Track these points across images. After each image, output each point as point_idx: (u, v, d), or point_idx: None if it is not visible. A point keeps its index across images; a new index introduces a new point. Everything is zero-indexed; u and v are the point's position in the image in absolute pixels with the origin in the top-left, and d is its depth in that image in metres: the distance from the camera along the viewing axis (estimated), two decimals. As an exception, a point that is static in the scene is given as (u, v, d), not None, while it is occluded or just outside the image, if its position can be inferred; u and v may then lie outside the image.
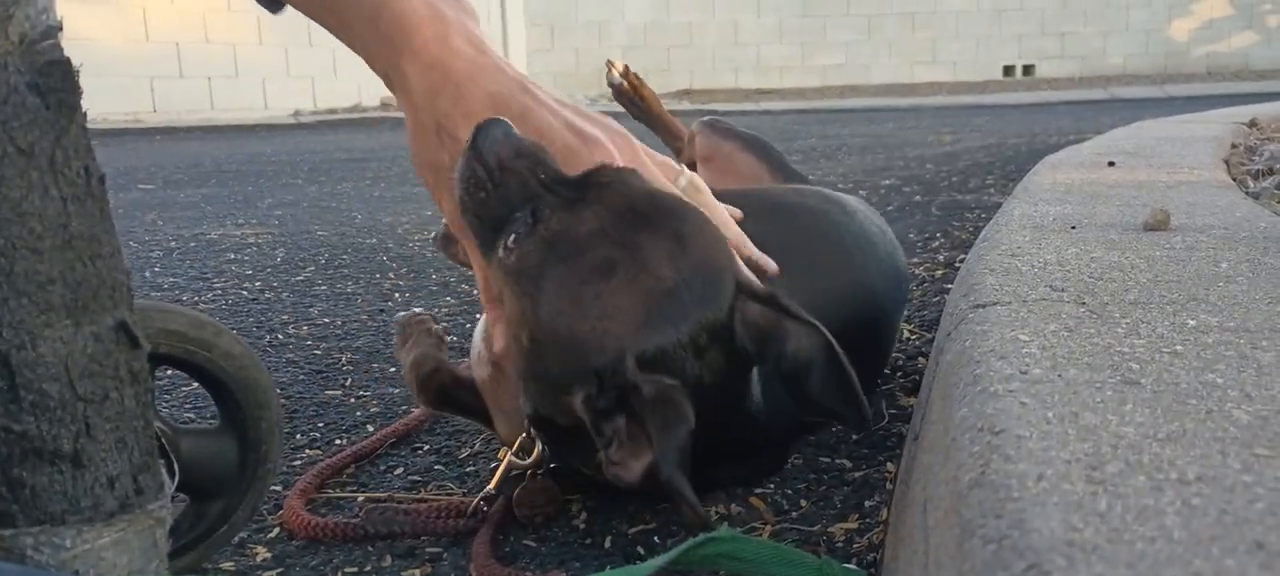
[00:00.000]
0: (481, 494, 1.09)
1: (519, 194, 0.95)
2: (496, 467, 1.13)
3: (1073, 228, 1.40)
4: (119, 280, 0.78)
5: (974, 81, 13.99)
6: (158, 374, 0.97)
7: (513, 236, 0.94)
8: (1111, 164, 2.24)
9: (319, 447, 1.37)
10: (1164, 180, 1.99)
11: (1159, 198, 1.69)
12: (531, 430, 1.08)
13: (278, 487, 1.21)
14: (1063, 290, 1.02)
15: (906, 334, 1.83)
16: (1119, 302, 0.97)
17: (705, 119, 1.84)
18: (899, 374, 1.63)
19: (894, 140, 6.51)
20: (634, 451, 0.88)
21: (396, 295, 2.30)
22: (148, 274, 2.61)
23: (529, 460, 1.09)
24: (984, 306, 0.96)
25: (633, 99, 2.07)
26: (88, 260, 0.74)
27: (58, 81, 0.72)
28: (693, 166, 1.78)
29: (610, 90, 2.09)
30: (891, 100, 11.77)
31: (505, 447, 1.20)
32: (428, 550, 1.05)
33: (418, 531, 1.08)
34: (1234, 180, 2.15)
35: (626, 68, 2.04)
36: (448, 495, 1.19)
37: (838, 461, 1.25)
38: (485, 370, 1.19)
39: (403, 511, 1.10)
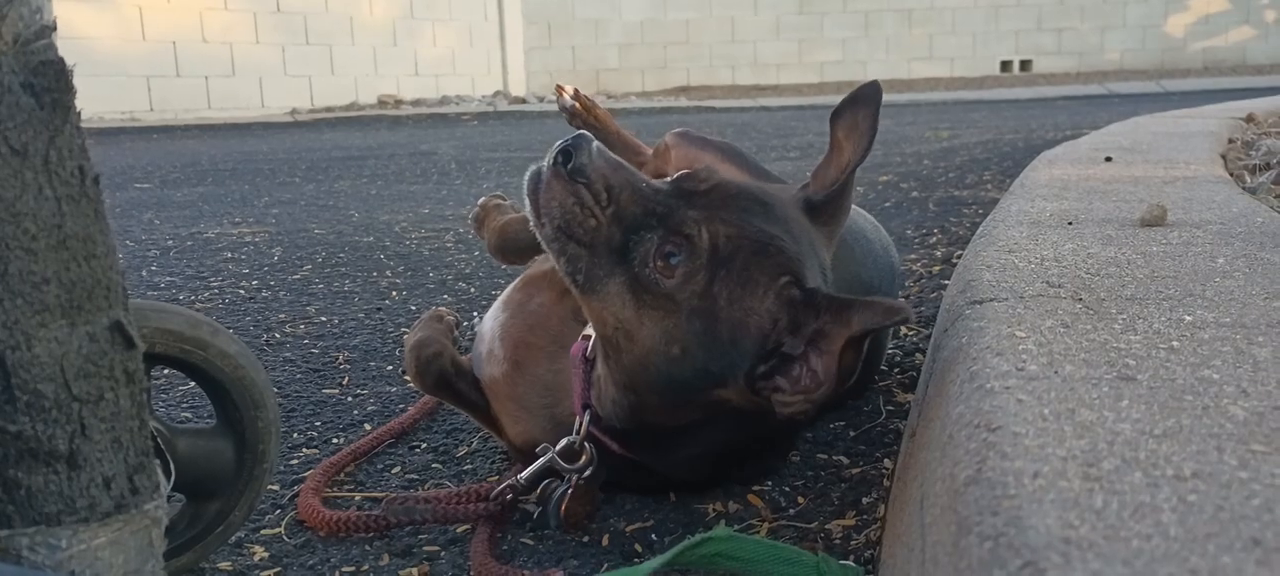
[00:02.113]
0: (508, 481, 1.08)
1: (639, 213, 0.96)
2: (505, 471, 1.13)
3: (1070, 223, 1.40)
4: (113, 280, 0.78)
5: (971, 77, 13.98)
6: (154, 373, 0.97)
7: (664, 258, 0.94)
8: (1108, 159, 2.24)
9: (316, 446, 1.37)
10: (1160, 175, 1.99)
11: (1156, 193, 1.69)
12: (585, 442, 1.07)
13: (274, 487, 1.21)
14: (1059, 286, 1.02)
15: (903, 330, 1.83)
16: (1115, 298, 0.97)
17: (676, 131, 1.83)
18: (896, 370, 1.63)
19: (892, 136, 6.51)
20: (813, 384, 0.93)
21: (393, 293, 2.30)
22: (144, 273, 2.61)
23: (576, 465, 1.07)
24: (981, 303, 0.96)
25: (587, 120, 2.06)
26: (82, 260, 0.74)
27: (52, 81, 0.72)
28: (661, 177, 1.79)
29: (604, 89, 2.07)
30: (889, 96, 11.67)
31: (514, 449, 1.20)
32: (425, 548, 1.05)
33: (440, 518, 1.07)
34: (1231, 175, 2.15)
35: (577, 91, 2.03)
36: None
37: (835, 458, 1.25)
38: (500, 368, 1.19)
39: (424, 499, 1.09)
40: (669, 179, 1.03)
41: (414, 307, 2.16)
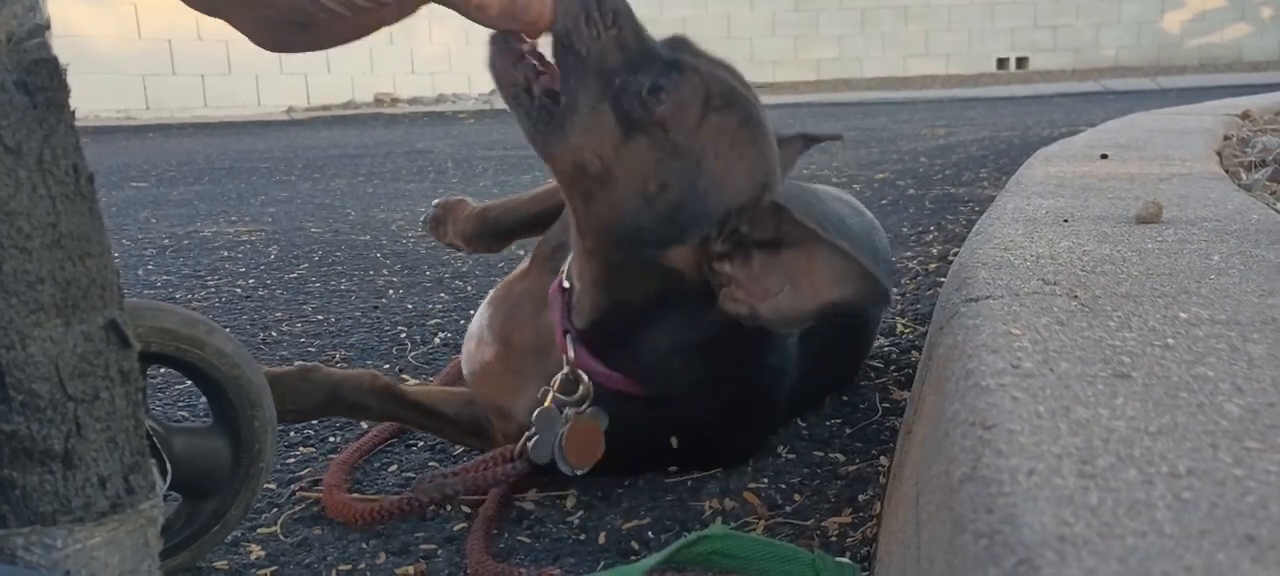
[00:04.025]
0: (526, 436, 1.09)
1: (636, 46, 1.00)
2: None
3: (1065, 221, 1.40)
4: (109, 279, 0.78)
5: (967, 74, 13.99)
6: (150, 372, 0.96)
7: (662, 87, 0.97)
8: (1104, 156, 2.24)
9: (313, 444, 1.37)
10: (1156, 172, 1.99)
11: (1151, 190, 1.69)
12: (575, 369, 1.08)
13: (271, 486, 1.21)
14: (1055, 283, 1.02)
15: (900, 328, 1.84)
16: (1111, 295, 0.97)
17: None
18: (893, 367, 1.63)
19: (888, 134, 6.52)
20: (759, 291, 0.98)
21: (390, 292, 2.30)
22: (141, 272, 2.61)
23: (577, 396, 1.09)
24: (976, 300, 0.96)
25: None
26: (77, 259, 0.74)
27: (45, 79, 0.71)
28: None
29: None
30: (885, 93, 11.77)
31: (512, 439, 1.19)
32: (422, 547, 1.05)
33: (472, 487, 1.08)
34: (1227, 172, 2.16)
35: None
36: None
37: (831, 455, 1.25)
38: (491, 350, 1.19)
39: (453, 474, 1.09)
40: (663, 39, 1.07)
41: (411, 306, 2.16)
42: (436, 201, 1.54)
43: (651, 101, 0.97)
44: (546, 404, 1.09)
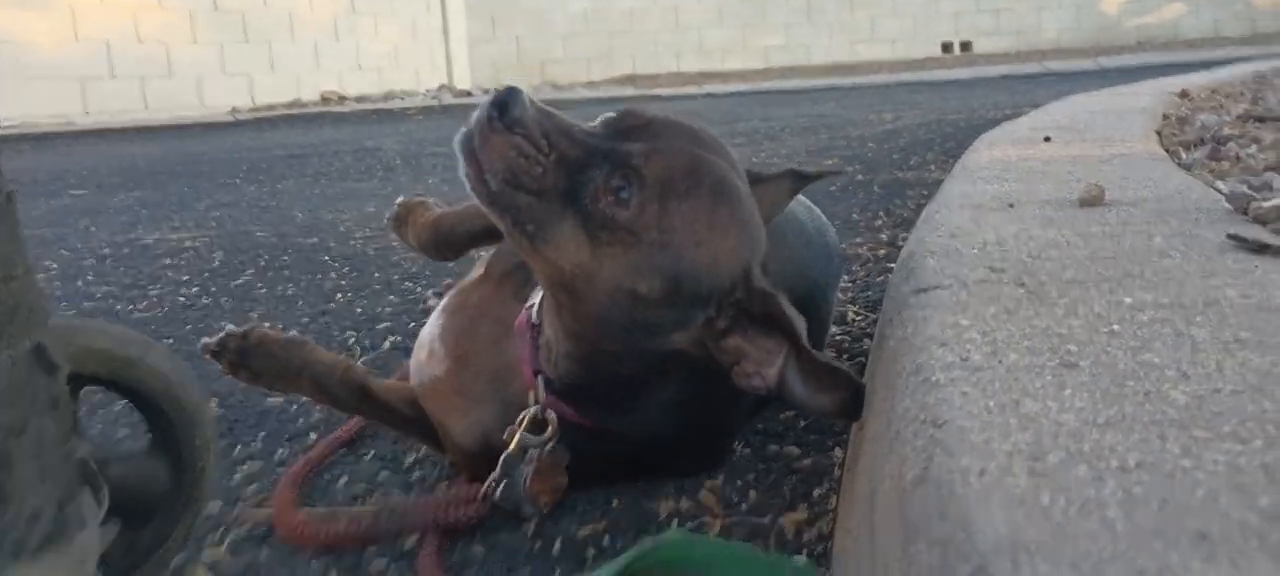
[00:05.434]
0: (491, 478, 1.06)
1: (581, 155, 0.95)
2: (454, 479, 1.11)
3: (1011, 205, 1.41)
4: (34, 302, 0.75)
5: (914, 59, 14.12)
6: (84, 393, 0.93)
7: (613, 193, 0.93)
8: (1047, 139, 2.27)
9: (260, 459, 1.34)
10: (1098, 154, 2.02)
11: (1093, 172, 1.71)
12: (545, 410, 1.06)
13: (215, 507, 1.18)
14: (1002, 270, 1.02)
15: (851, 316, 1.84)
16: (1057, 282, 0.98)
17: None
18: (845, 355, 1.63)
19: (836, 120, 6.55)
20: (766, 357, 0.95)
21: (338, 296, 2.26)
22: (81, 283, 2.54)
23: (543, 437, 1.05)
24: (925, 291, 0.96)
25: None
26: (0, 283, 0.71)
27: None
28: None
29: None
30: (834, 80, 11.84)
31: (458, 452, 1.18)
32: (372, 564, 1.03)
33: (431, 526, 1.04)
34: (1166, 151, 2.19)
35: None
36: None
37: (785, 449, 1.25)
38: (442, 366, 1.16)
39: (412, 507, 1.07)
40: (599, 121, 1.02)
41: (360, 310, 2.12)
42: (400, 200, 1.51)
43: (613, 209, 0.93)
44: (511, 447, 1.05)
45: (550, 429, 1.05)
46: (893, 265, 2.27)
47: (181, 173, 5.15)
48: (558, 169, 0.95)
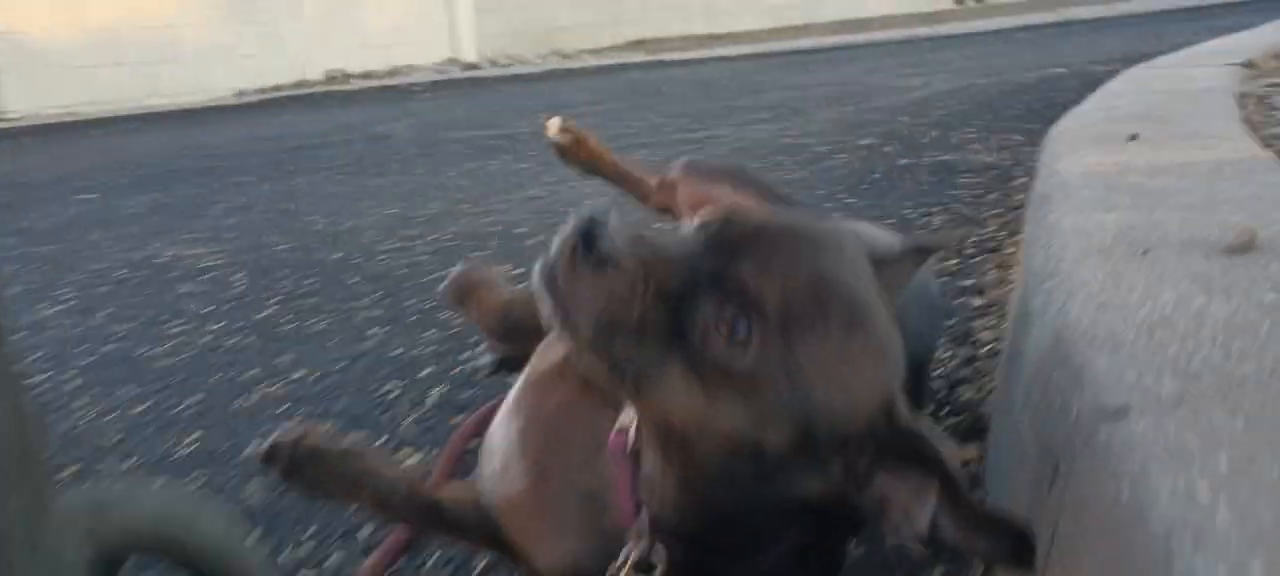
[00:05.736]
0: None
1: (683, 284, 0.79)
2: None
3: (1145, 252, 1.25)
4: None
5: (927, 11, 13.84)
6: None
7: (727, 331, 0.77)
8: (1133, 137, 2.09)
9: (311, 567, 1.20)
10: (1199, 158, 1.85)
11: (1211, 189, 1.54)
12: (652, 547, 0.90)
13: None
14: (1197, 376, 0.86)
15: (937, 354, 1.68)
16: (1273, 399, 0.82)
17: (682, 161, 1.63)
18: (947, 409, 1.48)
19: (860, 87, 6.35)
20: (914, 500, 0.79)
21: (372, 331, 2.11)
22: (99, 317, 2.40)
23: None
24: (1114, 419, 0.80)
25: (579, 157, 1.71)
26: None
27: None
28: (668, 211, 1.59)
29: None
30: (846, 37, 11.60)
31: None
32: None
33: None
34: (1265, 146, 2.02)
35: (564, 122, 1.68)
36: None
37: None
38: (520, 484, 1.01)
39: None
40: (695, 225, 0.85)
41: (398, 349, 1.98)
42: (457, 271, 1.36)
43: (729, 352, 0.77)
44: None
45: (658, 572, 0.90)
46: (966, 282, 2.11)
47: (193, 170, 5.00)
48: (657, 303, 0.79)
